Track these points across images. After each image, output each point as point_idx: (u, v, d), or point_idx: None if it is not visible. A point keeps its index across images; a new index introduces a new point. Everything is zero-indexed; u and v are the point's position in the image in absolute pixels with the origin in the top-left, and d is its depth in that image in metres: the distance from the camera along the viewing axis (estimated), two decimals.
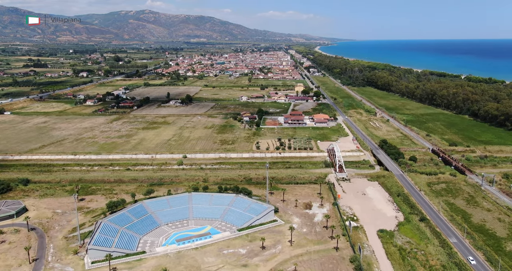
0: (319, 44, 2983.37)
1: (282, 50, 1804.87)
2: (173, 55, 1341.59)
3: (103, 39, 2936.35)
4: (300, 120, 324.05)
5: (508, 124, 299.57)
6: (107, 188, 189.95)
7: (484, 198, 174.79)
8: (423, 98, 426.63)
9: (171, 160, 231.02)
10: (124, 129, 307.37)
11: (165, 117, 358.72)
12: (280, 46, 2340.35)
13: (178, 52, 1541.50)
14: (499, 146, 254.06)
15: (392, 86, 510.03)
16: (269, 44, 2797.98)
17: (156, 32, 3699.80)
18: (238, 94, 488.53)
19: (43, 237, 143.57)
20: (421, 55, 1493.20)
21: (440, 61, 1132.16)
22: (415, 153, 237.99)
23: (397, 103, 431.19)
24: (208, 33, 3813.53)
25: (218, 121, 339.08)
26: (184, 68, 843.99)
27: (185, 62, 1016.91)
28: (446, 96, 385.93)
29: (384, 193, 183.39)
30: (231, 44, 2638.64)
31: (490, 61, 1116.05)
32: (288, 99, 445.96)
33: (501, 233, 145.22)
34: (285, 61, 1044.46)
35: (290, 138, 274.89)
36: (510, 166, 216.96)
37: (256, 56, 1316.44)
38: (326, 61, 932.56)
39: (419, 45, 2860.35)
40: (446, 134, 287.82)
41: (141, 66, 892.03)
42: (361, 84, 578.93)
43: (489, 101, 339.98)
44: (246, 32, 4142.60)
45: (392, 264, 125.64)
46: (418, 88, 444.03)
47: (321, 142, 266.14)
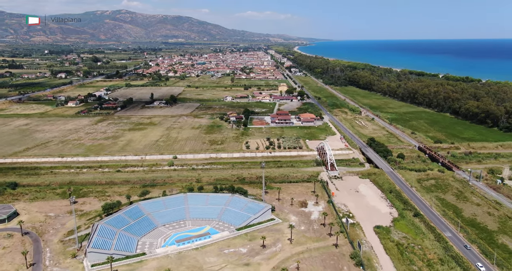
0: (298, 44, 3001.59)
1: (261, 50, 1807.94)
2: (152, 56, 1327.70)
3: (78, 39, 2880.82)
4: (287, 119, 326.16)
5: (489, 121, 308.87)
6: (99, 190, 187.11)
7: (473, 193, 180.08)
8: (405, 97, 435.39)
9: (161, 161, 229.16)
10: (110, 131, 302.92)
11: (151, 118, 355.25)
12: (259, 46, 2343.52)
13: (157, 53, 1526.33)
14: (482, 142, 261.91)
15: (374, 86, 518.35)
16: (247, 44, 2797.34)
17: (133, 32, 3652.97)
18: (222, 95, 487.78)
19: (38, 241, 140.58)
20: (398, 55, 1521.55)
21: (417, 60, 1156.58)
22: (402, 150, 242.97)
23: (380, 102, 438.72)
24: (186, 33, 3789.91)
25: (205, 121, 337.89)
26: (165, 68, 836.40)
27: (165, 63, 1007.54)
28: (427, 95, 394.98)
29: (377, 190, 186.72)
30: (210, 45, 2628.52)
31: (466, 61, 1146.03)
32: (273, 99, 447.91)
33: (492, 226, 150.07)
34: (266, 61, 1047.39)
35: (279, 137, 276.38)
36: (494, 162, 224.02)
37: (237, 56, 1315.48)
38: (307, 61, 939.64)
39: (395, 45, 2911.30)
40: (430, 132, 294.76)
41: (120, 67, 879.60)
42: (343, 84, 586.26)
43: (469, 100, 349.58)
44: (224, 32, 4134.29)
45: (391, 259, 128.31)
46: (400, 87, 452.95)
47: (309, 141, 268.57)
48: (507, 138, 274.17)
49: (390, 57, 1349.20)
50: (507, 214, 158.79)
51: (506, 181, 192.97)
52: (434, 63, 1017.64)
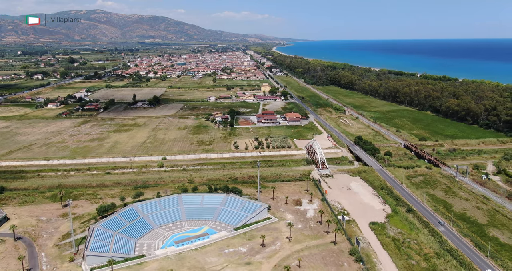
0: (275, 45, 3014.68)
1: (240, 51, 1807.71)
2: (130, 56, 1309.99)
3: (52, 40, 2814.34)
4: (274, 119, 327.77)
5: (469, 119, 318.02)
6: (90, 192, 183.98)
7: (461, 188, 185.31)
8: (387, 96, 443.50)
9: (150, 162, 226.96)
10: (95, 133, 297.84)
11: (135, 119, 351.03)
12: (237, 47, 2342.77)
13: (134, 53, 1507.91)
14: (464, 139, 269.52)
15: (355, 85, 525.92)
16: (225, 44, 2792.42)
17: (108, 33, 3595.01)
18: (205, 95, 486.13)
19: (32, 246, 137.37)
20: (374, 55, 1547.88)
21: (393, 60, 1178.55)
22: (389, 148, 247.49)
23: (362, 101, 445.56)
24: (163, 33, 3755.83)
25: (190, 122, 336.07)
26: (144, 69, 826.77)
27: (144, 63, 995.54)
28: (408, 94, 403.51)
29: (368, 187, 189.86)
30: (188, 45, 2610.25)
31: (441, 60, 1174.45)
32: (257, 99, 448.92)
33: (482, 220, 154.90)
34: (246, 61, 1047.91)
35: (267, 137, 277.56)
36: (478, 158, 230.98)
37: (216, 56, 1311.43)
38: (287, 61, 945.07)
39: (371, 45, 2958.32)
40: (414, 129, 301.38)
41: (98, 68, 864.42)
42: (325, 83, 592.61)
43: (449, 98, 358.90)
44: (201, 33, 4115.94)
45: (389, 254, 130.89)
46: (381, 87, 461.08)
47: (297, 140, 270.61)
48: (487, 135, 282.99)
49: (367, 57, 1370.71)
50: (495, 208, 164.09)
51: (491, 176, 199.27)
52: (409, 62, 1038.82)
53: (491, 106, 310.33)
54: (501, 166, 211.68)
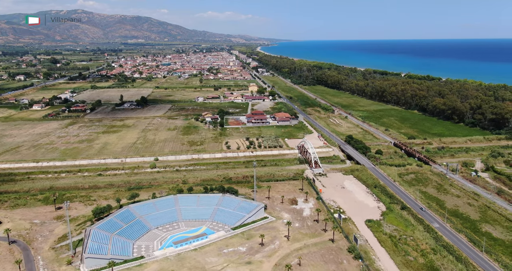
0: (260, 45, 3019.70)
1: (225, 51, 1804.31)
2: (113, 57, 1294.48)
3: (32, 40, 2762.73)
4: (264, 119, 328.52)
5: (455, 117, 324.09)
6: (83, 194, 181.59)
7: (452, 186, 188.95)
8: (373, 95, 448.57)
9: (142, 163, 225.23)
10: (83, 134, 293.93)
11: (123, 120, 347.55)
12: (222, 47, 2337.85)
13: (118, 54, 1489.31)
14: (452, 137, 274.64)
15: (342, 85, 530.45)
16: (209, 44, 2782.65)
17: (90, 33, 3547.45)
18: (192, 95, 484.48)
19: (27, 249, 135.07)
20: (358, 55, 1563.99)
21: (377, 60, 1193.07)
22: (379, 146, 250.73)
23: (350, 100, 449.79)
24: (146, 33, 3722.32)
25: (180, 122, 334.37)
26: (129, 70, 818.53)
27: (128, 64, 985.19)
28: (395, 93, 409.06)
29: (361, 186, 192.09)
30: (171, 45, 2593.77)
31: (423, 60, 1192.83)
32: (245, 99, 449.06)
33: (474, 216, 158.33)
34: (232, 61, 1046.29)
35: (258, 137, 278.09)
36: (466, 155, 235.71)
37: (201, 57, 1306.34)
38: (273, 61, 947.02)
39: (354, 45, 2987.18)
40: (402, 128, 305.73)
41: (82, 68, 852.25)
42: (312, 83, 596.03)
43: (435, 97, 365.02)
44: (185, 33, 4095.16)
45: (387, 251, 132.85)
46: (368, 86, 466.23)
47: (288, 140, 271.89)
48: (473, 133, 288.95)
49: (352, 57, 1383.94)
50: (485, 204, 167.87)
51: (480, 173, 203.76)
52: (393, 62, 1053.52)
53: (476, 105, 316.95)
54: (489, 163, 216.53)
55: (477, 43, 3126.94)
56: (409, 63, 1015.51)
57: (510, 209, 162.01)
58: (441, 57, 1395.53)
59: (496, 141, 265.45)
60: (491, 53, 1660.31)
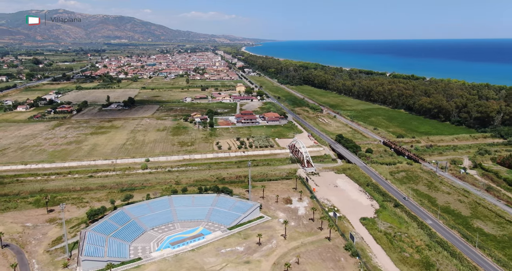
0: (244, 45, 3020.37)
1: (209, 51, 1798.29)
2: (97, 57, 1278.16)
3: (12, 40, 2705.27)
4: (253, 119, 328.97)
5: (441, 116, 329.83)
6: (75, 197, 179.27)
7: (442, 183, 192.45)
8: (360, 95, 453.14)
9: (134, 164, 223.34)
10: (71, 136, 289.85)
11: (111, 121, 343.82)
12: (206, 47, 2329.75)
13: (101, 54, 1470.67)
14: (439, 135, 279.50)
15: (329, 84, 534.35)
16: (194, 44, 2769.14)
17: (72, 33, 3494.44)
18: (180, 96, 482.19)
19: (21, 253, 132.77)
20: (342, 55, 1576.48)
21: (361, 59, 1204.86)
22: (369, 145, 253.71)
23: (337, 100, 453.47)
24: (129, 34, 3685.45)
25: (169, 123, 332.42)
26: (114, 70, 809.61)
27: (113, 64, 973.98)
28: (382, 93, 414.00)
29: (354, 184, 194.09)
30: (155, 45, 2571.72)
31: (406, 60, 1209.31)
32: (233, 99, 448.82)
33: (465, 212, 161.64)
34: (218, 62, 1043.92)
35: (248, 137, 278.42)
36: (454, 153, 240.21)
37: (186, 57, 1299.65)
38: (259, 61, 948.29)
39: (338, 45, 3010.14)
40: (390, 127, 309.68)
41: (66, 69, 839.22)
42: (298, 83, 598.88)
43: (421, 96, 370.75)
44: (169, 33, 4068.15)
45: (382, 248, 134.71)
46: (355, 86, 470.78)
47: (279, 139, 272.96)
48: (459, 131, 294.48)
49: (337, 57, 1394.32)
50: (475, 200, 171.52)
51: (468, 171, 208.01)
52: (378, 62, 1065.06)
53: (461, 103, 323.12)
54: (477, 160, 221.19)
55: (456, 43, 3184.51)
56: (393, 63, 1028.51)
57: (499, 205, 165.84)
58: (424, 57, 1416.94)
59: (482, 139, 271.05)
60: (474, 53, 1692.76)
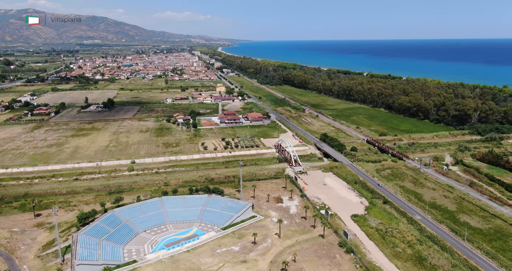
0: (220, 45, 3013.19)
1: (186, 52, 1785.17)
2: (71, 58, 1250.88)
3: None
4: (237, 119, 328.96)
5: (420, 114, 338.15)
6: (62, 200, 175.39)
7: (426, 179, 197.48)
8: (340, 94, 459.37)
9: (119, 166, 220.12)
10: (51, 138, 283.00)
11: (92, 123, 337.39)
12: (182, 48, 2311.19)
13: (75, 55, 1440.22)
14: (420, 133, 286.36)
15: (308, 84, 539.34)
16: (169, 45, 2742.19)
17: (43, 33, 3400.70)
18: (160, 97, 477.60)
19: (11, 259, 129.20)
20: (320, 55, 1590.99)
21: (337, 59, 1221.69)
22: (353, 144, 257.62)
23: (318, 99, 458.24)
24: (103, 34, 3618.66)
25: (151, 124, 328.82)
26: (90, 71, 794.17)
27: (87, 65, 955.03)
28: (362, 92, 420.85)
29: (342, 182, 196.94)
30: (130, 46, 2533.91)
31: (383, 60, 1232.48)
32: (214, 99, 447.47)
33: (451, 207, 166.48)
34: (195, 62, 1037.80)
35: (233, 137, 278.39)
36: (435, 150, 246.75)
37: (163, 57, 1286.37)
38: (237, 61, 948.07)
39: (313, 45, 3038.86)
40: (372, 126, 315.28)
41: (39, 70, 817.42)
42: (278, 83, 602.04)
43: (400, 95, 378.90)
44: (143, 33, 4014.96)
45: (376, 244, 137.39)
46: (335, 85, 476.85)
47: (264, 139, 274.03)
48: (438, 129, 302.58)
49: (313, 57, 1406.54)
50: (460, 195, 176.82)
51: (450, 167, 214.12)
52: (354, 62, 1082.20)
53: (439, 102, 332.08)
54: (458, 157, 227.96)
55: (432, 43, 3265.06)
56: (369, 63, 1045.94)
57: (483, 200, 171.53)
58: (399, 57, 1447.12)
59: (461, 136, 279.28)
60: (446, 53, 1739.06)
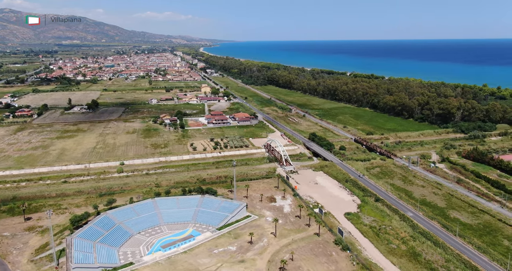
0: (201, 45, 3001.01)
1: (167, 52, 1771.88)
2: (50, 59, 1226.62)
3: None
4: (224, 120, 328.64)
5: (405, 113, 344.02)
6: (52, 203, 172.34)
7: (415, 177, 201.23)
8: (325, 94, 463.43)
9: (108, 168, 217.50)
10: (35, 140, 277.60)
11: (77, 124, 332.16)
12: (164, 48, 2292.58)
13: (54, 56, 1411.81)
14: (406, 132, 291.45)
15: (293, 84, 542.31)
16: (150, 45, 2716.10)
17: (20, 34, 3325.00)
18: (144, 97, 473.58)
19: (3, 263, 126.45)
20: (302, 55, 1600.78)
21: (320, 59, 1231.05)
22: (342, 143, 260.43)
23: (303, 99, 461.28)
24: (82, 34, 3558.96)
25: (138, 125, 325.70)
26: (71, 72, 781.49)
27: (68, 66, 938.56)
28: (347, 92, 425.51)
29: (333, 181, 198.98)
30: (110, 46, 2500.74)
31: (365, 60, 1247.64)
32: (200, 100, 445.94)
33: (441, 204, 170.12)
34: (178, 62, 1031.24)
35: (222, 137, 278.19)
36: (422, 148, 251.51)
37: (144, 58, 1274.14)
38: (221, 62, 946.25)
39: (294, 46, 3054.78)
40: (358, 125, 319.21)
41: (18, 71, 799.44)
42: (263, 83, 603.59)
43: (384, 95, 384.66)
44: (123, 34, 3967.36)
45: (370, 241, 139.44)
46: (320, 85, 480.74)
47: (253, 139, 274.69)
48: (423, 127, 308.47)
49: (296, 57, 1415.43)
50: (448, 192, 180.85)
51: (437, 164, 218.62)
52: (337, 62, 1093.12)
53: (423, 101, 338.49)
54: (444, 154, 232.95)
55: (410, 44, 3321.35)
56: (352, 63, 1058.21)
57: (471, 196, 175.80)
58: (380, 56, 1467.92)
59: (445, 134, 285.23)
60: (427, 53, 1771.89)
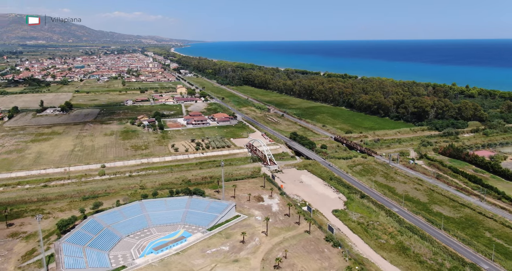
0: (172, 46, 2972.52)
1: (138, 52, 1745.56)
2: (15, 60, 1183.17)
3: None
4: (204, 120, 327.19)
5: (381, 112, 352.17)
6: (34, 208, 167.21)
7: (396, 173, 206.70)
8: (302, 93, 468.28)
9: (89, 171, 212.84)
10: (9, 144, 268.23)
11: (51, 127, 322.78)
12: (134, 49, 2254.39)
13: (19, 56, 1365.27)
14: (383, 130, 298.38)
15: (269, 84, 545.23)
16: (119, 46, 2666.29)
17: None
18: (119, 99, 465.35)
19: None
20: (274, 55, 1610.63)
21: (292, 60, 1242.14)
22: (322, 141, 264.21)
23: (280, 99, 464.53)
24: (48, 34, 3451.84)
25: (115, 127, 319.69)
26: (39, 73, 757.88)
27: (35, 67, 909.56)
28: (323, 91, 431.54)
29: (318, 179, 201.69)
30: (78, 47, 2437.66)
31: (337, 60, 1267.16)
32: (177, 101, 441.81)
33: (423, 199, 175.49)
34: (150, 63, 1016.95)
35: (203, 138, 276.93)
36: (400, 146, 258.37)
37: (115, 58, 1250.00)
38: (194, 62, 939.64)
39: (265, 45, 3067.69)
40: (337, 124, 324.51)
41: None
42: (238, 84, 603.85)
43: (360, 94, 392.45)
44: (91, 34, 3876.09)
45: (360, 237, 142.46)
46: (296, 85, 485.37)
47: (234, 139, 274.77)
48: (399, 125, 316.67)
49: (269, 57, 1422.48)
50: (429, 187, 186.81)
51: (416, 161, 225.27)
52: (308, 62, 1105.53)
53: (398, 100, 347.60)
54: (421, 151, 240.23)
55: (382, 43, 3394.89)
56: (324, 63, 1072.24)
57: (451, 191, 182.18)
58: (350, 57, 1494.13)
59: (421, 132, 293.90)
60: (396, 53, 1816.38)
